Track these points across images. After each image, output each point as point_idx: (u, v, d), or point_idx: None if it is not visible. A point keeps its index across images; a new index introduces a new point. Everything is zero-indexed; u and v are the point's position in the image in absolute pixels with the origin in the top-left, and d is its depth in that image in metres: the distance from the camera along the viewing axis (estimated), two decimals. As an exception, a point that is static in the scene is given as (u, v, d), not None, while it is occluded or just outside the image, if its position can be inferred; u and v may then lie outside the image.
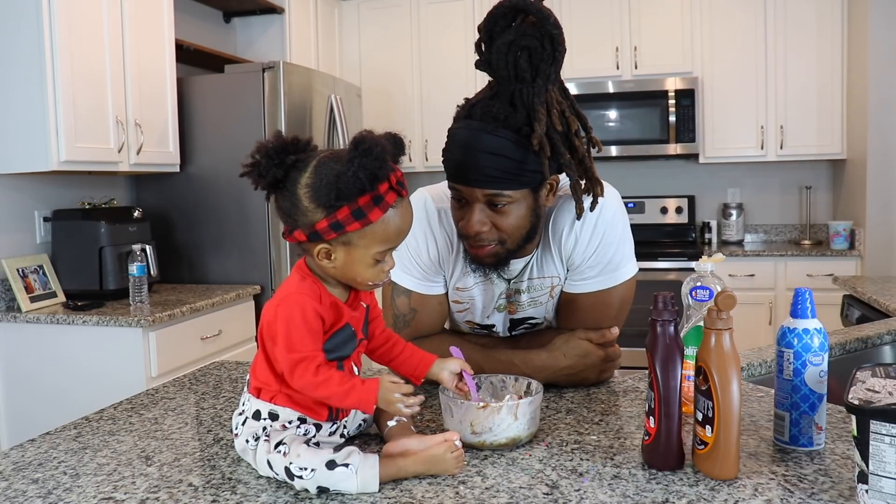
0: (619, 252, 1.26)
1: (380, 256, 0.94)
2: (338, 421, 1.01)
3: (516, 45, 1.09)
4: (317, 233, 0.91)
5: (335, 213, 0.90)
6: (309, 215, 0.91)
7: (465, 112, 1.15)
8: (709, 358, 0.90)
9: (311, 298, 0.93)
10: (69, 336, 2.54)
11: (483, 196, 1.13)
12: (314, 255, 0.94)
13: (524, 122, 1.11)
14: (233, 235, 3.24)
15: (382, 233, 0.92)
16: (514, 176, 1.12)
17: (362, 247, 0.93)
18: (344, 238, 0.92)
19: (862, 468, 0.79)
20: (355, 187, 0.88)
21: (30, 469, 1.00)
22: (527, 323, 1.36)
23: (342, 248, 0.93)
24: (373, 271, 0.95)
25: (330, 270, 0.95)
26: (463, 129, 1.14)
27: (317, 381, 0.90)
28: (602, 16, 4.24)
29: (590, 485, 0.89)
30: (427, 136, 4.48)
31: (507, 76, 1.11)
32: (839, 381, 1.12)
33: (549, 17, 1.09)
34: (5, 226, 2.73)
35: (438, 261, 1.29)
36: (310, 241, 0.93)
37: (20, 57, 2.48)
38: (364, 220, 0.90)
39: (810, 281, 3.81)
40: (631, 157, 4.29)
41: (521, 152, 1.11)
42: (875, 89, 3.70)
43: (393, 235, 0.94)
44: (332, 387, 0.90)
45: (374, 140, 0.88)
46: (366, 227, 0.91)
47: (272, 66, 3.15)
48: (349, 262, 0.94)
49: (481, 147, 1.10)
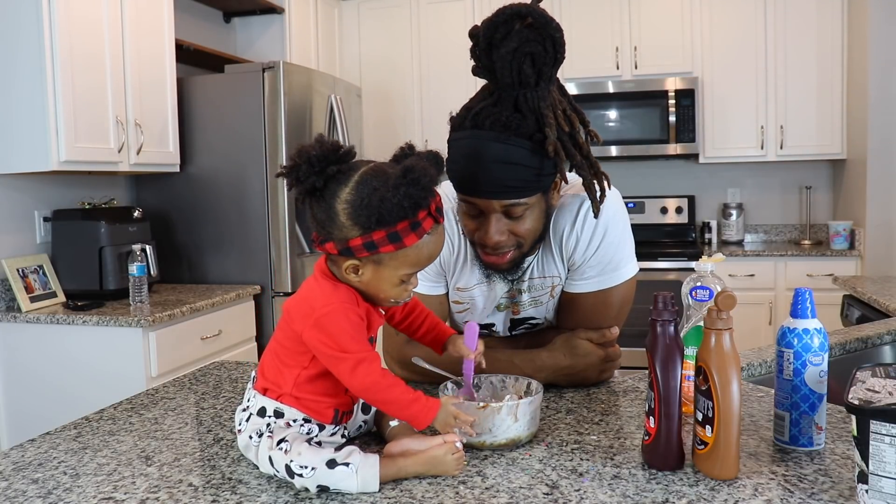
0: (620, 252, 1.26)
1: (406, 277, 0.95)
2: (341, 424, 1.01)
3: (520, 51, 1.07)
4: (349, 249, 0.91)
5: (371, 234, 0.89)
6: (345, 231, 0.90)
7: (470, 121, 1.12)
8: (709, 358, 0.90)
9: (351, 305, 0.94)
10: (69, 336, 2.54)
11: (500, 206, 1.13)
12: (342, 267, 0.94)
13: (535, 128, 1.10)
14: (233, 235, 3.24)
15: (415, 256, 0.93)
16: (531, 184, 1.11)
17: (392, 267, 0.93)
18: (375, 257, 0.92)
19: (862, 468, 0.79)
20: (398, 215, 0.88)
21: (30, 469, 1.00)
22: (527, 323, 1.36)
23: (371, 266, 0.93)
24: (397, 290, 0.96)
25: (355, 283, 0.95)
26: (470, 139, 1.11)
27: (386, 383, 0.91)
28: (602, 16, 4.24)
29: (590, 485, 0.89)
30: (427, 136, 4.48)
31: (511, 82, 1.10)
32: (839, 381, 1.12)
33: (550, 21, 1.08)
34: (5, 226, 2.73)
35: (440, 261, 1.29)
36: (341, 255, 0.92)
37: (20, 57, 2.48)
38: (399, 244, 0.90)
39: (810, 281, 3.81)
40: (631, 157, 4.28)
41: (538, 159, 1.10)
42: (875, 89, 3.70)
43: (424, 259, 0.94)
44: (398, 392, 0.91)
45: (424, 170, 0.87)
46: (399, 250, 0.91)
47: (272, 66, 3.15)
48: (376, 280, 0.94)
49: (495, 157, 1.09)
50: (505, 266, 1.21)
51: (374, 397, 0.93)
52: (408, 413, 0.92)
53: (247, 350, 3.08)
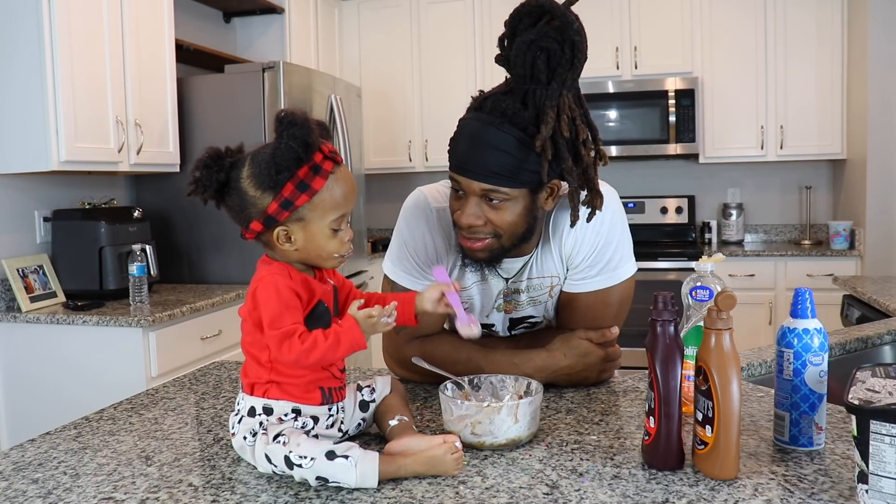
0: (619, 251, 1.26)
1: (336, 225, 0.98)
2: (333, 405, 1.01)
3: (536, 45, 1.09)
4: (271, 217, 0.95)
5: (281, 192, 0.93)
6: (258, 202, 0.95)
7: (477, 104, 1.16)
8: (709, 358, 0.90)
9: (282, 276, 0.96)
10: (69, 336, 2.54)
11: (480, 189, 1.14)
12: (274, 241, 0.97)
13: (532, 121, 1.10)
14: (233, 235, 3.24)
15: (331, 200, 0.96)
16: (512, 174, 1.11)
17: (316, 219, 0.96)
18: (297, 215, 0.95)
19: (862, 468, 0.79)
20: (291, 157, 0.92)
21: (30, 469, 1.00)
22: (526, 322, 1.36)
23: (298, 226, 0.96)
24: (334, 242, 0.98)
25: (293, 254, 0.98)
26: (471, 120, 1.14)
27: (306, 348, 0.92)
28: (602, 16, 4.24)
29: (590, 485, 0.89)
30: (427, 136, 4.48)
31: (523, 75, 1.11)
32: (839, 381, 1.12)
33: (573, 23, 1.09)
34: (5, 226, 2.73)
35: (437, 260, 1.29)
36: (266, 227, 0.96)
37: (20, 57, 2.48)
38: (310, 191, 0.94)
39: (810, 281, 3.82)
40: (631, 157, 4.29)
41: (524, 151, 1.10)
42: (875, 89, 3.70)
43: (341, 200, 0.97)
44: (321, 345, 0.92)
45: (295, 112, 0.93)
46: (313, 197, 0.94)
47: (272, 66, 3.14)
48: (309, 238, 0.97)
49: (485, 141, 1.11)
50: (480, 255, 1.20)
51: (307, 362, 0.93)
52: (343, 350, 0.93)
53: (247, 350, 3.08)
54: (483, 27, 4.37)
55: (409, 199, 1.32)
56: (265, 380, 0.97)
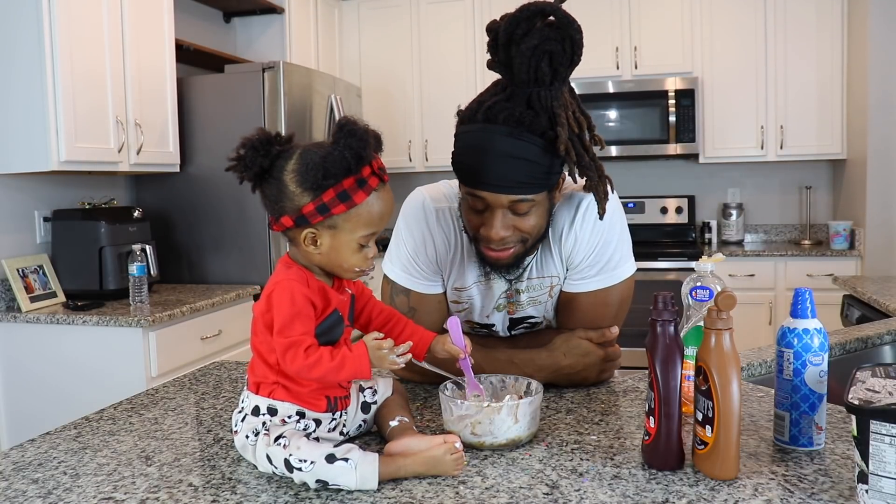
0: (619, 251, 1.26)
1: (364, 241, 0.97)
2: (337, 412, 1.01)
3: (540, 49, 1.07)
4: (304, 217, 0.94)
5: (321, 196, 0.92)
6: (296, 199, 0.94)
7: (482, 115, 1.12)
8: (709, 358, 0.90)
9: (299, 283, 0.95)
10: (69, 336, 2.54)
11: (508, 202, 1.12)
12: (300, 240, 0.96)
13: (547, 126, 1.10)
14: (233, 235, 3.24)
15: (367, 215, 0.95)
16: (539, 181, 1.11)
17: (347, 231, 0.95)
18: (330, 221, 0.94)
19: (862, 468, 0.79)
20: (341, 167, 0.91)
21: (30, 469, 1.00)
22: (526, 322, 1.36)
23: (328, 233, 0.95)
24: (358, 257, 0.97)
25: (315, 258, 0.97)
26: (480, 132, 1.11)
27: (309, 363, 0.91)
28: (602, 16, 4.24)
29: (590, 485, 0.89)
30: (427, 136, 4.48)
31: (526, 79, 1.10)
32: (839, 381, 1.12)
33: (572, 22, 1.08)
34: (5, 226, 2.73)
35: (437, 260, 1.29)
36: (297, 225, 0.95)
37: (20, 57, 2.48)
38: (349, 202, 0.93)
39: (810, 281, 3.82)
40: (631, 157, 4.29)
41: (548, 157, 1.11)
42: (875, 89, 3.70)
43: (376, 219, 0.96)
44: (325, 364, 0.92)
45: (357, 123, 0.92)
46: (351, 209, 0.93)
47: (272, 66, 3.15)
48: (335, 247, 0.96)
49: (509, 153, 1.09)
50: (506, 261, 1.20)
51: (308, 377, 0.93)
52: (345, 374, 0.93)
53: (247, 350, 3.08)
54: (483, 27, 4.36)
55: (409, 200, 1.32)
56: (272, 380, 0.97)
